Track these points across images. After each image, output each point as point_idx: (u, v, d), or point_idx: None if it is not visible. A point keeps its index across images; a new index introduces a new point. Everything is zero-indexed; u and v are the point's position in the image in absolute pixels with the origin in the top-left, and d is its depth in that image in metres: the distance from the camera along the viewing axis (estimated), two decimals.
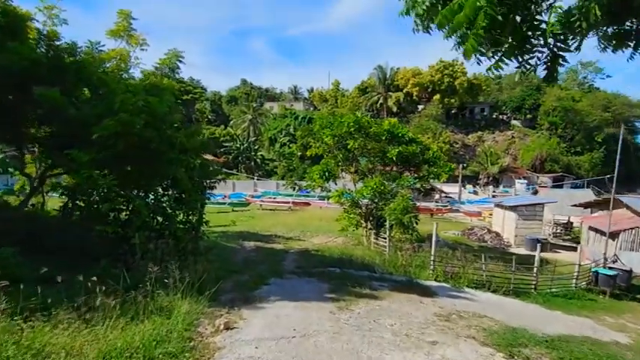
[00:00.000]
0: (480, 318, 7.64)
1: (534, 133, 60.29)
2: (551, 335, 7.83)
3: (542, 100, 61.83)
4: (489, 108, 69.29)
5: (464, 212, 31.88)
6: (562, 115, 57.54)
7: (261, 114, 64.20)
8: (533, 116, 63.73)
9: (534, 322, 9.00)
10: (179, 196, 9.88)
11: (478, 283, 11.68)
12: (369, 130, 17.28)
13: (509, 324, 7.61)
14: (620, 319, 11.12)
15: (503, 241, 22.28)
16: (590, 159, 53.36)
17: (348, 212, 17.20)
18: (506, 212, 22.98)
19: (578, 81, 74.01)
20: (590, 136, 55.71)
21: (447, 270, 11.81)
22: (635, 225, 16.13)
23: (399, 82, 70.36)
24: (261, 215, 26.12)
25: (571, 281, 13.36)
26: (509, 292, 11.71)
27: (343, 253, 14.29)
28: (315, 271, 10.69)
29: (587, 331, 9.08)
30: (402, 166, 17.20)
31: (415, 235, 12.92)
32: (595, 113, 56.73)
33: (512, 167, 54.26)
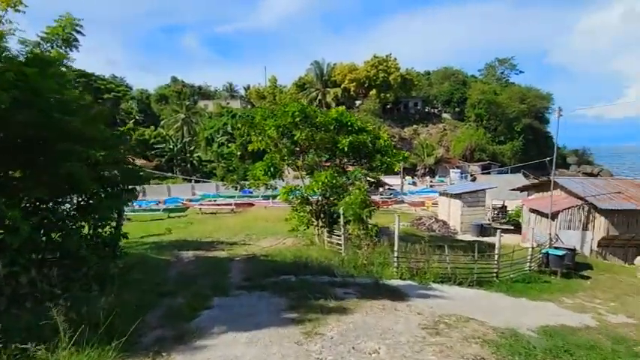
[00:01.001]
0: (466, 322, 6.55)
1: (463, 125, 64.04)
2: (539, 329, 7.32)
3: (469, 94, 65.91)
4: (422, 102, 72.29)
5: (408, 203, 32.09)
6: (486, 108, 61.78)
7: (195, 113, 59.71)
8: (461, 109, 67.74)
9: (511, 316, 8.40)
10: (85, 202, 7.52)
11: (443, 277, 10.87)
12: (316, 120, 15.84)
13: (497, 326, 6.64)
14: (575, 298, 11.08)
15: (451, 229, 22.40)
16: (511, 147, 57.99)
17: (297, 210, 15.61)
18: (452, 200, 23.16)
19: (497, 76, 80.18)
20: (510, 126, 60.54)
21: (411, 266, 10.82)
22: (571, 205, 16.77)
23: (336, 78, 70.38)
24: (201, 220, 23.43)
25: (525, 265, 13.25)
26: (473, 282, 11.10)
27: (296, 255, 12.67)
28: (267, 281, 8.94)
29: (556, 318, 8.72)
30: (354, 157, 16.03)
31: (375, 231, 11.80)
32: (513, 105, 61.81)
33: (446, 158, 56.98)
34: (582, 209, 16.56)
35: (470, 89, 67.85)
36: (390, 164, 15.53)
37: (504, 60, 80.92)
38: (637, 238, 15.95)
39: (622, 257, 16.24)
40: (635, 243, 16.14)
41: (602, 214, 15.94)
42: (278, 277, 9.35)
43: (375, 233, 11.71)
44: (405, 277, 10.46)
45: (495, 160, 55.82)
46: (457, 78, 75.90)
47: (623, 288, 12.54)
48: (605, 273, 14.14)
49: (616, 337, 7.93)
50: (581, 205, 16.54)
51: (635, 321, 9.38)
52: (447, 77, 76.67)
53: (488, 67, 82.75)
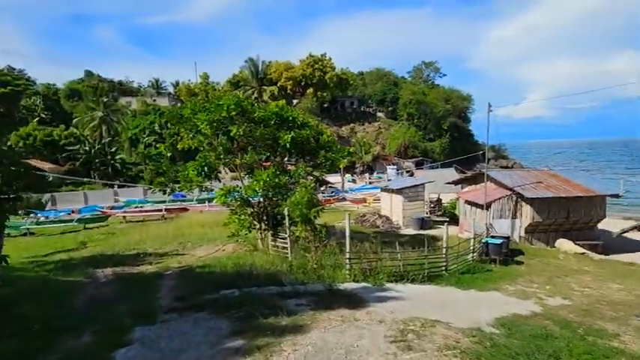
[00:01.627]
0: (433, 327, 6.02)
1: (397, 123, 66.81)
2: (497, 322, 7.20)
3: (400, 94, 68.93)
4: (358, 101, 74.03)
5: (350, 200, 32.09)
6: (416, 107, 65.15)
7: (115, 111, 53.77)
8: (394, 108, 70.61)
9: (469, 311, 8.22)
10: None
11: (396, 275, 10.45)
12: (254, 115, 14.61)
13: (463, 327, 6.23)
14: (516, 284, 11.41)
15: (394, 224, 22.60)
16: (440, 144, 61.84)
17: (237, 213, 14.21)
18: (393, 195, 23.41)
19: (424, 78, 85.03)
20: (438, 124, 64.53)
21: (364, 267, 10.21)
22: (501, 195, 17.71)
23: (272, 76, 68.92)
24: (125, 230, 20.64)
25: (468, 256, 13.48)
26: (424, 278, 10.85)
27: (238, 264, 11.39)
28: (205, 299, 7.63)
29: (507, 308, 8.76)
30: (297, 153, 15.07)
31: (324, 231, 11.00)
32: (440, 105, 66.00)
33: (382, 155, 58.82)
34: (511, 199, 17.58)
35: (401, 89, 71.08)
36: (335, 160, 14.88)
37: (430, 63, 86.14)
38: (557, 223, 17.35)
39: (545, 241, 17.57)
40: (555, 228, 17.56)
41: (527, 202, 17.04)
42: (218, 293, 8.07)
43: (325, 234, 10.91)
44: (359, 279, 9.82)
45: (427, 156, 59.02)
46: (389, 79, 79.09)
47: (551, 270, 13.33)
48: (535, 257, 15.05)
49: (560, 321, 8.14)
50: (510, 195, 17.54)
51: (570, 302, 9.84)
52: (380, 78, 79.51)
53: (416, 70, 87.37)
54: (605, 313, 9.09)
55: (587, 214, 17.27)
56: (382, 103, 73.17)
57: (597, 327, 7.99)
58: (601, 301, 9.97)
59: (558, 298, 10.20)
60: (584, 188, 17.38)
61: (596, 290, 11.04)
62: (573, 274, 12.74)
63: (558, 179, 18.52)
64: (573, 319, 8.47)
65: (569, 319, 8.34)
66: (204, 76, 69.19)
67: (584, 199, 16.98)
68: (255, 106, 15.39)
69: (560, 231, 17.55)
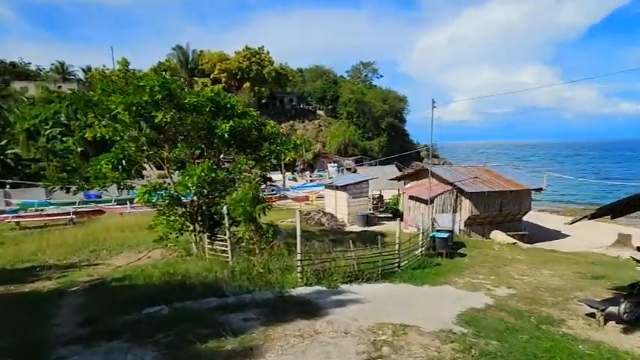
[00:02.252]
0: (405, 334, 5.37)
1: (337, 121, 67.41)
2: (460, 319, 7.04)
3: (340, 93, 69.70)
4: (297, 98, 73.29)
5: (292, 198, 31.17)
6: (356, 106, 66.39)
7: (6, 97, 45.97)
8: (334, 107, 71.22)
9: (430, 309, 7.89)
10: None
11: (351, 276, 9.76)
12: (185, 101, 12.92)
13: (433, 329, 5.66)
14: (464, 277, 11.48)
15: (339, 222, 22.17)
16: (378, 143, 63.75)
17: (166, 214, 12.41)
18: (338, 192, 22.99)
19: (362, 78, 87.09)
20: (376, 123, 66.50)
21: (317, 268, 9.33)
22: (443, 190, 18.15)
23: (204, 67, 65.21)
24: (18, 238, 17.13)
25: (417, 251, 13.36)
26: (378, 276, 10.33)
27: (168, 273, 9.80)
28: (123, 321, 6.11)
29: (463, 302, 8.69)
30: (237, 145, 13.67)
31: (271, 231, 9.88)
32: (378, 105, 68.09)
33: (323, 153, 58.88)
34: (452, 193, 18.12)
35: (341, 88, 71.90)
36: (280, 154, 13.78)
37: (368, 64, 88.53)
38: (491, 216, 18.29)
39: (481, 233, 18.44)
40: (490, 220, 18.51)
41: (466, 197, 17.70)
42: (141, 312, 6.59)
43: (272, 234, 9.81)
44: (312, 282, 8.93)
45: (366, 154, 60.37)
46: (329, 77, 79.61)
47: (491, 261, 13.81)
48: (475, 249, 15.58)
49: (513, 311, 8.32)
50: (451, 189, 18.06)
51: (515, 291, 10.09)
52: (320, 75, 79.71)
53: (355, 70, 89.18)
54: (546, 299, 9.43)
55: (517, 207, 18.46)
56: (322, 101, 73.41)
57: (545, 314, 8.27)
58: (540, 288, 10.39)
59: (504, 287, 10.40)
60: (514, 183, 18.56)
61: (533, 277, 11.55)
62: (510, 264, 13.30)
63: (492, 175, 19.57)
64: (522, 307, 8.70)
65: (519, 309, 8.56)
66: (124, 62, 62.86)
67: (514, 192, 18.12)
68: (185, 90, 13.68)
69: (494, 223, 18.54)
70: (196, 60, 67.35)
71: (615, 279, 11.09)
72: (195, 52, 69.76)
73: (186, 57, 68.47)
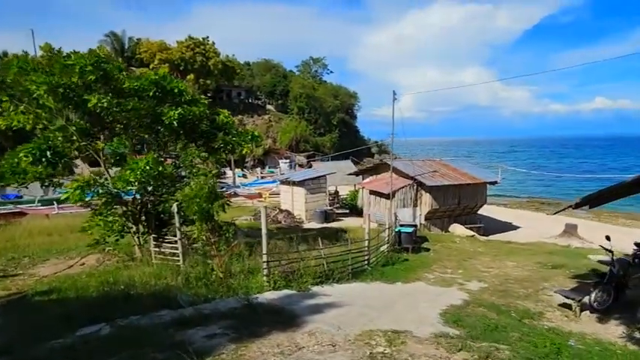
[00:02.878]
0: (404, 345, 4.81)
1: (287, 117, 66.29)
2: (444, 319, 6.76)
3: (290, 87, 68.64)
4: (245, 92, 70.92)
5: (244, 196, 29.77)
6: (307, 101, 65.74)
7: None
8: (284, 101, 69.98)
9: (411, 308, 7.52)
10: None
11: (321, 276, 9.07)
12: (124, 86, 11.35)
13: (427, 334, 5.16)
14: (433, 272, 11.38)
15: (296, 219, 21.41)
16: (330, 139, 63.77)
17: (103, 214, 10.76)
18: (295, 188, 22.20)
19: (312, 73, 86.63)
20: (328, 119, 66.48)
21: (285, 270, 8.51)
22: (404, 184, 18.18)
23: (143, 56, 60.51)
24: None
25: (384, 247, 13.05)
26: (349, 275, 9.77)
27: (107, 282, 8.37)
28: (49, 347, 4.85)
29: (441, 299, 8.46)
30: (187, 136, 12.29)
31: (232, 230, 8.80)
32: (329, 100, 68.08)
33: (273, 149, 57.54)
34: (412, 187, 18.21)
35: (291, 83, 70.82)
36: (236, 145, 12.66)
37: (317, 59, 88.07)
38: (450, 209, 18.71)
39: (440, 227, 18.81)
40: (449, 214, 18.92)
41: (427, 190, 17.89)
42: (74, 333, 5.32)
43: (232, 233, 8.77)
44: (280, 286, 8.09)
45: (318, 150, 60.09)
46: (278, 71, 78.10)
47: (455, 254, 13.96)
48: (437, 243, 15.73)
49: (491, 306, 8.19)
50: (411, 184, 18.13)
51: (486, 284, 10.10)
52: (269, 69, 77.90)
53: (304, 64, 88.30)
54: (517, 291, 9.51)
55: (474, 200, 19.07)
56: (272, 96, 71.83)
57: (522, 307, 8.24)
58: (508, 280, 10.52)
59: (475, 281, 10.39)
60: (471, 176, 19.14)
61: (499, 269, 11.74)
62: (474, 256, 13.51)
63: (449, 168, 20.03)
64: (498, 302, 8.62)
65: (496, 303, 8.47)
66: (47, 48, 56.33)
67: (471, 186, 18.66)
68: (124, 72, 12.06)
69: (452, 216, 18.97)
70: (133, 48, 62.37)
71: (573, 268, 11.61)
72: (132, 40, 64.63)
73: (121, 45, 63.19)
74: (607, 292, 7.99)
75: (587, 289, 8.76)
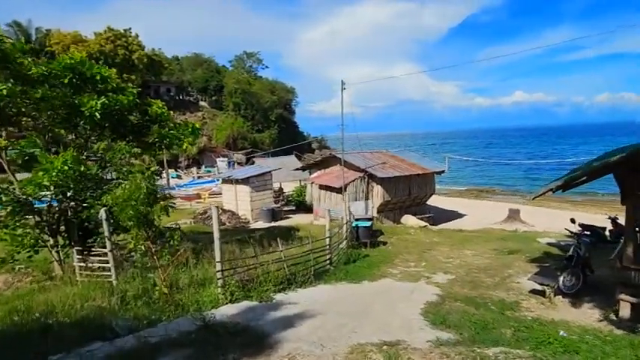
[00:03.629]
0: None
1: (222, 113, 63.52)
2: (428, 320, 6.41)
3: (225, 82, 65.83)
4: (175, 88, 66.52)
5: (180, 197, 27.54)
6: (242, 97, 63.59)
7: None
8: (218, 98, 66.96)
9: (388, 310, 7.03)
10: None
11: (283, 282, 8.23)
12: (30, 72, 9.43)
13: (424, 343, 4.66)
14: (397, 267, 11.14)
15: (242, 219, 20.13)
16: (269, 135, 62.44)
17: (9, 226, 8.76)
18: (238, 186, 20.88)
19: (246, 68, 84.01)
20: (266, 115, 65.01)
21: (242, 278, 7.52)
22: (355, 177, 17.92)
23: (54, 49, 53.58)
24: None
25: (343, 243, 12.55)
26: (311, 277, 9.05)
27: (17, 310, 6.69)
28: None
29: (416, 297, 8.13)
30: (113, 130, 10.55)
31: (177, 236, 7.51)
32: (266, 96, 66.60)
33: (209, 147, 54.69)
34: (363, 180, 18.03)
35: (225, 78, 67.96)
36: (174, 139, 11.23)
37: (252, 54, 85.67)
38: (401, 201, 18.89)
39: (392, 219, 18.91)
40: (400, 205, 19.09)
41: (378, 182, 17.81)
42: None
43: (178, 240, 7.53)
44: (238, 297, 7.10)
45: (257, 147, 58.39)
46: (210, 66, 74.50)
47: (413, 246, 13.92)
48: (393, 235, 15.67)
49: (467, 300, 8.02)
50: (362, 176, 17.94)
51: (453, 276, 10.04)
52: (200, 64, 74.02)
53: (238, 59, 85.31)
54: (485, 281, 9.55)
55: (423, 190, 19.47)
56: (205, 92, 68.35)
57: (496, 298, 8.20)
58: (472, 270, 10.59)
59: (440, 273, 10.27)
60: (420, 166, 19.50)
61: (460, 259, 11.85)
62: (432, 247, 13.57)
63: (397, 159, 20.24)
64: (471, 294, 8.54)
65: (470, 296, 8.39)
66: None
67: (421, 176, 19.01)
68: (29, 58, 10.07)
69: (404, 208, 19.18)
70: (42, 40, 55.02)
71: (527, 252, 12.09)
72: (39, 31, 57.02)
73: (27, 35, 55.30)
74: (575, 275, 8.14)
75: (554, 273, 9.04)
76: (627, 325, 6.60)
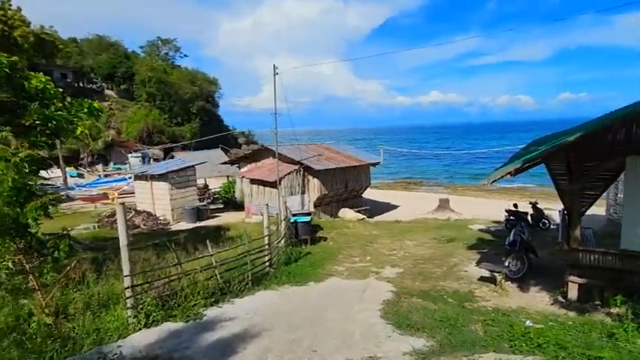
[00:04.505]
0: None
1: (134, 104, 57.33)
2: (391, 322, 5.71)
3: (136, 70, 59.52)
4: (73, 74, 58.15)
5: (82, 199, 23.67)
6: (158, 87, 58.13)
7: None
8: (128, 86, 60.36)
9: (347, 319, 6.15)
10: None
11: (215, 292, 6.75)
12: None
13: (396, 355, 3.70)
14: (342, 264, 10.38)
15: (160, 220, 17.70)
16: (190, 129, 58.00)
17: None
18: (155, 183, 18.33)
19: (162, 56, 77.39)
20: (186, 108, 60.36)
21: (162, 294, 5.90)
22: (290, 170, 16.78)
23: None
24: None
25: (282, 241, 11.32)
26: (249, 283, 7.71)
27: None
28: None
29: (370, 296, 7.41)
30: None
31: (65, 246, 5.51)
32: (186, 87, 61.83)
33: (119, 141, 48.89)
34: (299, 173, 16.96)
35: (136, 65, 61.43)
36: (65, 122, 8.85)
37: (167, 40, 79.02)
38: (338, 194, 18.23)
39: (329, 213, 18.17)
40: (337, 198, 18.43)
41: (314, 175, 16.89)
42: None
43: (65, 251, 5.57)
44: (157, 319, 5.49)
45: (176, 141, 53.79)
46: (118, 50, 66.74)
47: (354, 240, 13.25)
48: (332, 230, 14.89)
49: (421, 294, 7.56)
50: (297, 169, 16.86)
51: (401, 269, 9.56)
52: (105, 48, 65.76)
53: (151, 45, 78.06)
54: (434, 272, 9.20)
55: (359, 183, 19.05)
56: (111, 79, 60.96)
57: (450, 290, 7.89)
58: (418, 261, 10.21)
59: (388, 267, 9.72)
60: (355, 158, 19.04)
61: (403, 250, 11.46)
62: (373, 240, 13.06)
63: (332, 152, 19.55)
64: (424, 287, 8.15)
65: (424, 290, 7.96)
66: None
67: (357, 168, 18.55)
68: None
69: (340, 201, 18.56)
70: None
71: (464, 239, 12.18)
72: None
73: None
74: (520, 259, 8.15)
75: (499, 259, 8.96)
76: (576, 305, 6.63)
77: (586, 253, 6.76)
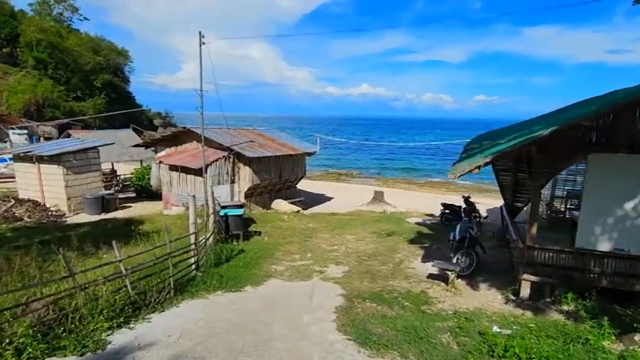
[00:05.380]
0: None
1: (19, 71, 48.69)
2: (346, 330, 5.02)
3: (22, 31, 50.56)
4: None
5: None
6: (50, 52, 50.15)
7: None
8: (11, 50, 51.20)
9: (297, 334, 5.45)
10: None
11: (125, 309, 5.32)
12: None
13: None
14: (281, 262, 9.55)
15: (52, 211, 14.79)
16: (93, 105, 51.27)
17: None
18: (43, 166, 15.23)
19: (55, 16, 66.93)
20: (88, 80, 53.27)
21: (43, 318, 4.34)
22: (217, 157, 15.20)
23: None
24: None
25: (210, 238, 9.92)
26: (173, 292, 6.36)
27: None
28: None
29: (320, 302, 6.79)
30: None
31: None
32: (87, 55, 54.42)
33: None
34: (228, 160, 15.45)
35: (23, 25, 52.13)
36: None
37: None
38: (272, 184, 17.08)
39: (262, 204, 16.94)
40: (270, 189, 17.26)
41: (246, 163, 15.53)
42: None
43: None
44: (35, 356, 3.97)
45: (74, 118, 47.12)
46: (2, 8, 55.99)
47: (291, 235, 12.34)
48: (266, 223, 13.77)
49: (374, 297, 7.10)
50: (226, 155, 15.33)
51: (347, 267, 9.05)
52: None
53: (41, 3, 67.13)
54: (380, 269, 8.82)
55: (294, 173, 18.10)
56: None
57: (402, 290, 7.55)
58: (362, 257, 9.74)
59: (332, 265, 9.06)
60: (291, 147, 18.00)
61: (344, 246, 10.93)
62: (312, 234, 12.30)
63: (266, 138, 18.29)
64: (375, 288, 7.70)
65: (375, 291, 7.51)
66: None
67: (292, 157, 17.55)
68: None
69: (273, 192, 17.46)
70: None
71: (403, 233, 12.04)
72: None
73: None
74: (469, 255, 8.04)
75: (444, 254, 8.79)
76: (529, 304, 6.63)
77: (541, 251, 6.72)
